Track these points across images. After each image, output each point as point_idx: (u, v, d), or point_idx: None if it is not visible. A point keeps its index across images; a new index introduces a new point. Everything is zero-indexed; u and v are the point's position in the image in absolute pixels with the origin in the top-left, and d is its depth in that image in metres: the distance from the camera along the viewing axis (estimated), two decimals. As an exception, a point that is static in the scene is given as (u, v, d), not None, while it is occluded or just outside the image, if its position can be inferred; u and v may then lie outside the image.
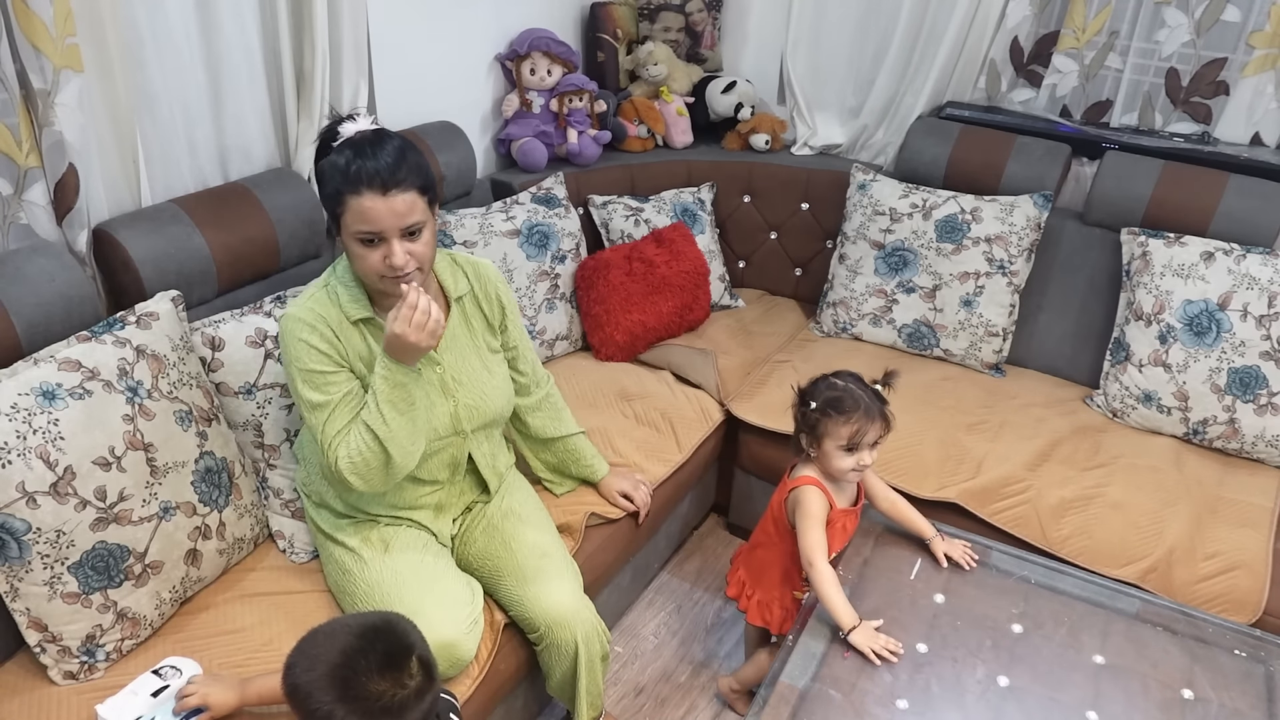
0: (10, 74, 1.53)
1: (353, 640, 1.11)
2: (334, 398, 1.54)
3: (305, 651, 1.13)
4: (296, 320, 1.53)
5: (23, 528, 1.37)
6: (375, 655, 1.10)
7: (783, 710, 1.45)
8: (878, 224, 2.52)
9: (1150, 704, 1.48)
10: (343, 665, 1.09)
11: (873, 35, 2.86)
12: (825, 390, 1.68)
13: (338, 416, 1.54)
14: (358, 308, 1.56)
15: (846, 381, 1.69)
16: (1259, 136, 2.43)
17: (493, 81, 2.73)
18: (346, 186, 1.44)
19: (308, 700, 1.09)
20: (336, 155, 1.46)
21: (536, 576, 1.68)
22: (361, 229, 1.45)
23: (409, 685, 1.11)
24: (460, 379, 1.68)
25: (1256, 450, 2.13)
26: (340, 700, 1.08)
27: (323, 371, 1.53)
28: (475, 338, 1.72)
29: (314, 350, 1.52)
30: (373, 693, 1.08)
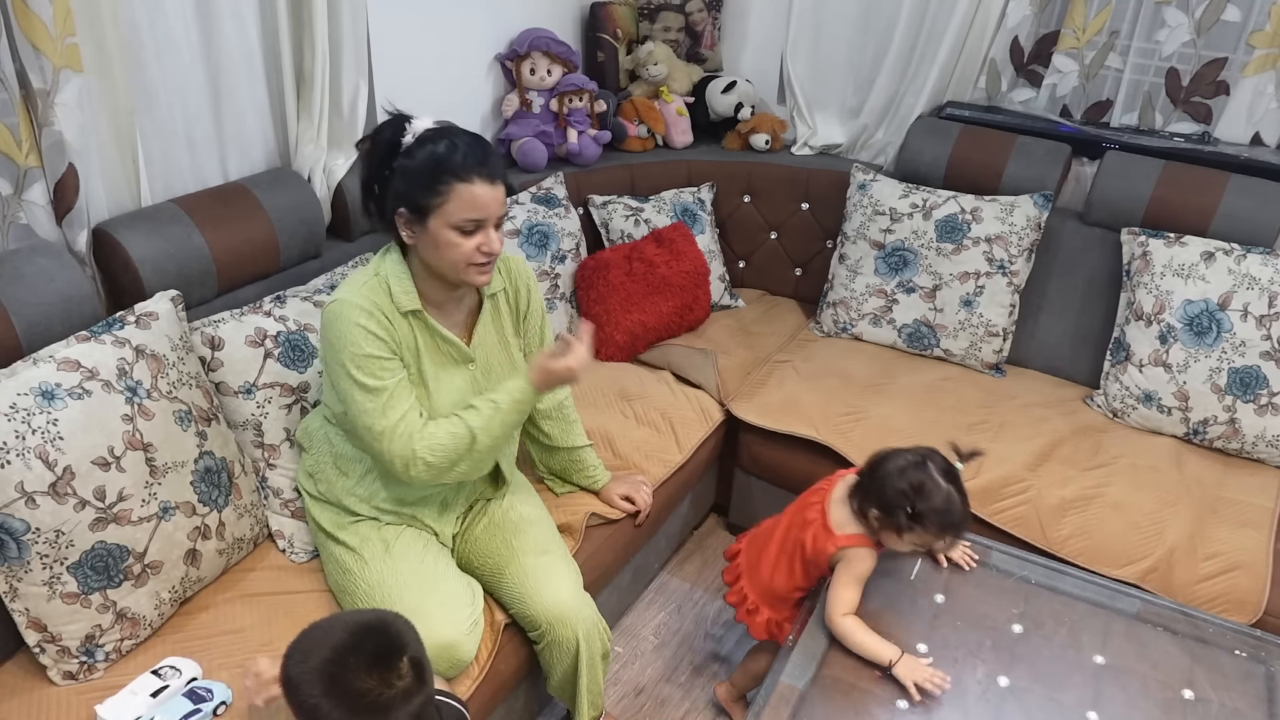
0: (10, 74, 1.53)
1: (345, 637, 1.12)
2: (389, 384, 1.54)
3: (300, 644, 1.14)
4: (352, 305, 1.53)
5: (22, 528, 1.37)
6: (365, 653, 1.11)
7: (783, 710, 1.45)
8: (878, 224, 2.52)
9: (1150, 704, 1.48)
10: (332, 661, 1.09)
11: (873, 35, 2.86)
12: (927, 495, 1.51)
13: (397, 403, 1.55)
14: (409, 299, 1.58)
15: (949, 485, 1.52)
16: (1259, 136, 2.43)
17: (493, 81, 2.73)
18: (456, 174, 1.47)
19: (298, 691, 1.10)
20: (433, 145, 1.49)
21: (538, 574, 1.68)
22: (470, 216, 1.49)
23: (396, 685, 1.11)
24: (490, 376, 1.70)
25: (1257, 450, 2.13)
26: (326, 695, 1.08)
27: (379, 357, 1.54)
28: (504, 334, 1.75)
29: (371, 336, 1.53)
30: (358, 690, 1.09)
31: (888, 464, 1.56)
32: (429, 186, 1.48)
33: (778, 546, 1.75)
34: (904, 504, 1.51)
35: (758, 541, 1.83)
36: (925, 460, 1.54)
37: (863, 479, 1.61)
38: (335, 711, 1.08)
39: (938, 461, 1.55)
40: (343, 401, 1.58)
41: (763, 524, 1.86)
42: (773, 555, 1.75)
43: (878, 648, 1.52)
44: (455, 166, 1.47)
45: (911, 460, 1.55)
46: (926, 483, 1.51)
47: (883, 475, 1.55)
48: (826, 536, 1.63)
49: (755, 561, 1.81)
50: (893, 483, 1.53)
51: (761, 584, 1.78)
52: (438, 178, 1.48)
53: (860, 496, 1.60)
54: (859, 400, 2.31)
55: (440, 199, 1.48)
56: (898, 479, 1.53)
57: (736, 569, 1.86)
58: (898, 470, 1.54)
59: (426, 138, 1.50)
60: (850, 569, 1.59)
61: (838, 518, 1.64)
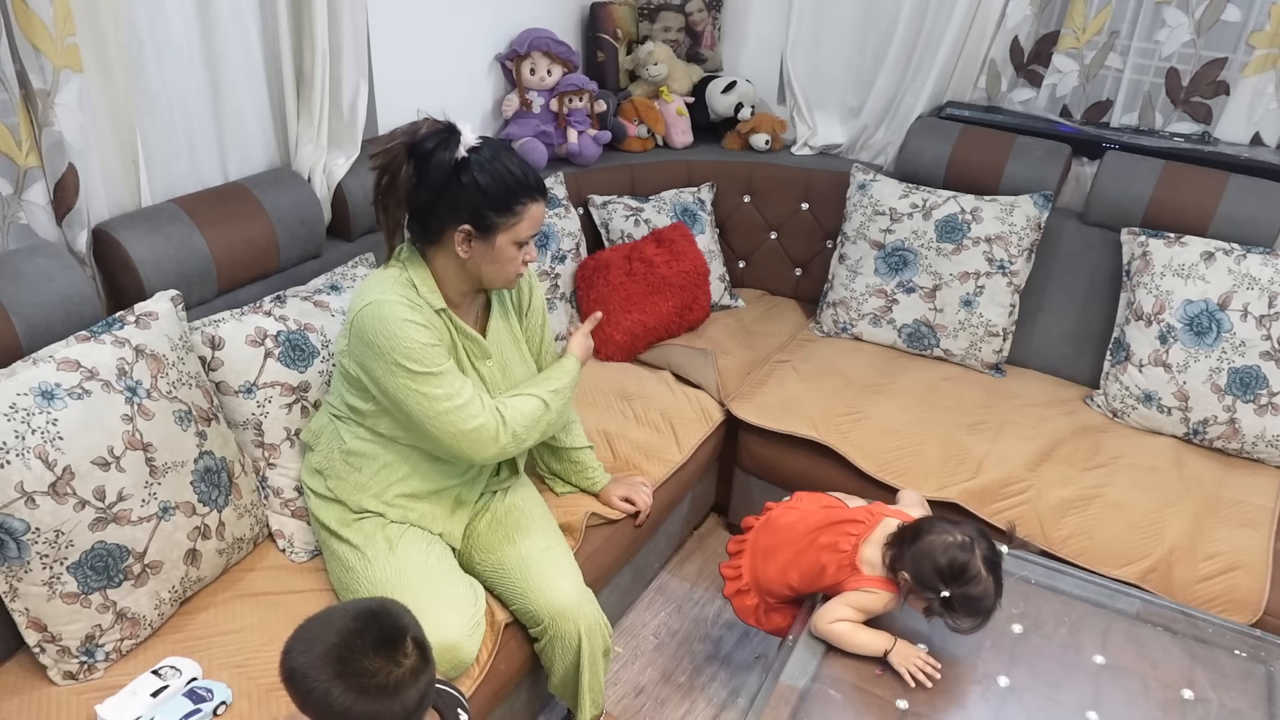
0: (10, 74, 1.53)
1: (349, 622, 1.12)
2: (448, 367, 1.59)
3: (301, 636, 1.14)
4: (392, 304, 1.55)
5: (21, 528, 1.37)
6: (371, 635, 1.11)
7: (783, 710, 1.45)
8: (878, 224, 2.52)
9: (1150, 704, 1.48)
10: (339, 645, 1.10)
11: (873, 35, 2.86)
12: (967, 581, 1.45)
13: (464, 382, 1.61)
14: (436, 299, 1.62)
15: (989, 575, 1.46)
16: (1259, 136, 2.43)
17: (493, 81, 2.73)
18: (530, 195, 1.58)
19: (305, 680, 1.09)
20: (504, 164, 1.56)
21: (540, 569, 1.69)
22: (534, 233, 1.61)
23: (404, 664, 1.12)
24: (504, 372, 1.74)
25: (1257, 450, 2.13)
26: (337, 678, 1.08)
27: (433, 345, 1.57)
28: (512, 329, 1.78)
29: (421, 328, 1.56)
30: (369, 670, 1.09)
31: (933, 536, 1.50)
32: (506, 206, 1.56)
33: (794, 553, 1.70)
34: (940, 584, 1.46)
35: (777, 533, 1.77)
36: (972, 543, 1.48)
37: (904, 539, 1.55)
38: (346, 695, 1.08)
39: (983, 547, 1.49)
40: (399, 404, 1.58)
41: (786, 514, 1.80)
42: (786, 559, 1.72)
43: (871, 640, 1.53)
44: (529, 187, 1.58)
45: (958, 540, 1.48)
46: (970, 568, 1.45)
47: (926, 546, 1.49)
48: (852, 573, 1.60)
49: (767, 551, 1.77)
50: (934, 558, 1.47)
51: (765, 576, 1.77)
52: (515, 197, 1.56)
53: (896, 554, 1.54)
54: (859, 400, 2.31)
55: (515, 218, 1.57)
56: (940, 555, 1.47)
57: (742, 544, 1.84)
58: (942, 546, 1.47)
59: (489, 156, 1.55)
60: (862, 605, 1.57)
61: (869, 557, 1.59)
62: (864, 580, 1.58)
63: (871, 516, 1.67)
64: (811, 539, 1.69)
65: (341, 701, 1.08)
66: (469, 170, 1.53)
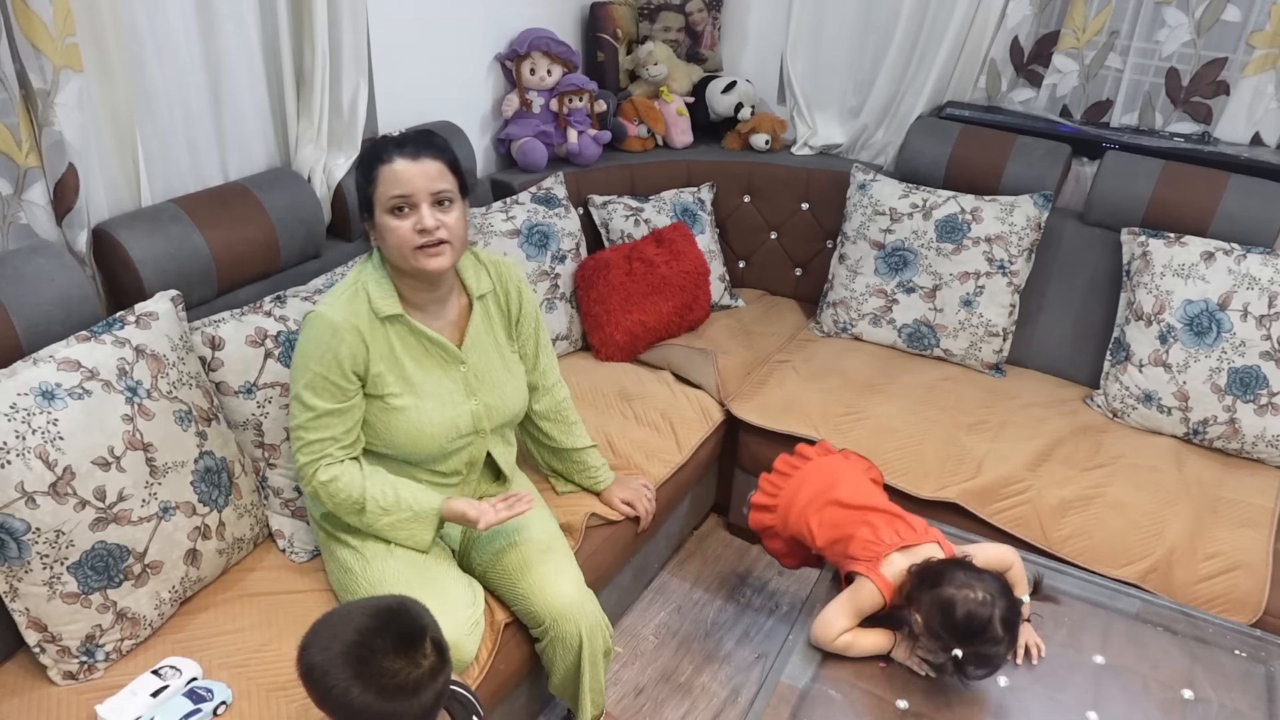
0: (10, 74, 1.53)
1: (368, 620, 1.12)
2: (332, 408, 1.56)
3: (320, 632, 1.14)
4: (329, 322, 1.54)
5: (22, 528, 1.37)
6: (391, 635, 1.12)
7: (783, 710, 1.45)
8: (878, 224, 2.52)
9: (1150, 704, 1.48)
10: (359, 644, 1.10)
11: (873, 35, 2.86)
12: (980, 640, 1.40)
13: (326, 426, 1.57)
14: (388, 304, 1.59)
15: (1005, 633, 1.40)
16: (1259, 136, 2.43)
17: (493, 81, 2.73)
18: (379, 159, 1.53)
19: (324, 678, 1.10)
20: (371, 146, 1.58)
21: (540, 570, 1.69)
22: (394, 193, 1.52)
23: (423, 665, 1.12)
24: (483, 378, 1.70)
25: (1257, 450, 2.13)
26: (357, 678, 1.08)
27: (333, 381, 1.55)
28: (496, 336, 1.75)
29: (334, 359, 1.54)
30: (389, 670, 1.10)
31: (953, 589, 1.42)
32: (365, 176, 1.56)
33: (836, 516, 1.67)
34: (952, 641, 1.41)
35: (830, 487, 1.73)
36: (993, 600, 1.41)
37: (924, 580, 1.47)
38: (366, 694, 1.09)
39: (1002, 606, 1.41)
40: (290, 395, 1.61)
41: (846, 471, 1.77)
42: (824, 516, 1.69)
43: (874, 642, 1.53)
44: (379, 151, 1.54)
45: (978, 597, 1.40)
46: (988, 629, 1.39)
47: (945, 598, 1.42)
48: (870, 569, 1.55)
49: (813, 495, 1.73)
50: (952, 611, 1.40)
51: (794, 511, 1.76)
52: (369, 165, 1.55)
53: (914, 590, 1.47)
54: (859, 400, 2.31)
55: (373, 185, 1.54)
56: (958, 608, 1.40)
57: (777, 491, 1.81)
58: (961, 600, 1.40)
59: (379, 140, 1.57)
60: (857, 598, 1.54)
61: (897, 564, 1.53)
62: (878, 578, 1.54)
63: (924, 533, 1.60)
64: (861, 515, 1.64)
65: (361, 700, 1.08)
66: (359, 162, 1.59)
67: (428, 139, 1.57)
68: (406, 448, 1.64)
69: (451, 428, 1.65)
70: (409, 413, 1.61)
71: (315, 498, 1.62)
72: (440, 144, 1.57)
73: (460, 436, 1.67)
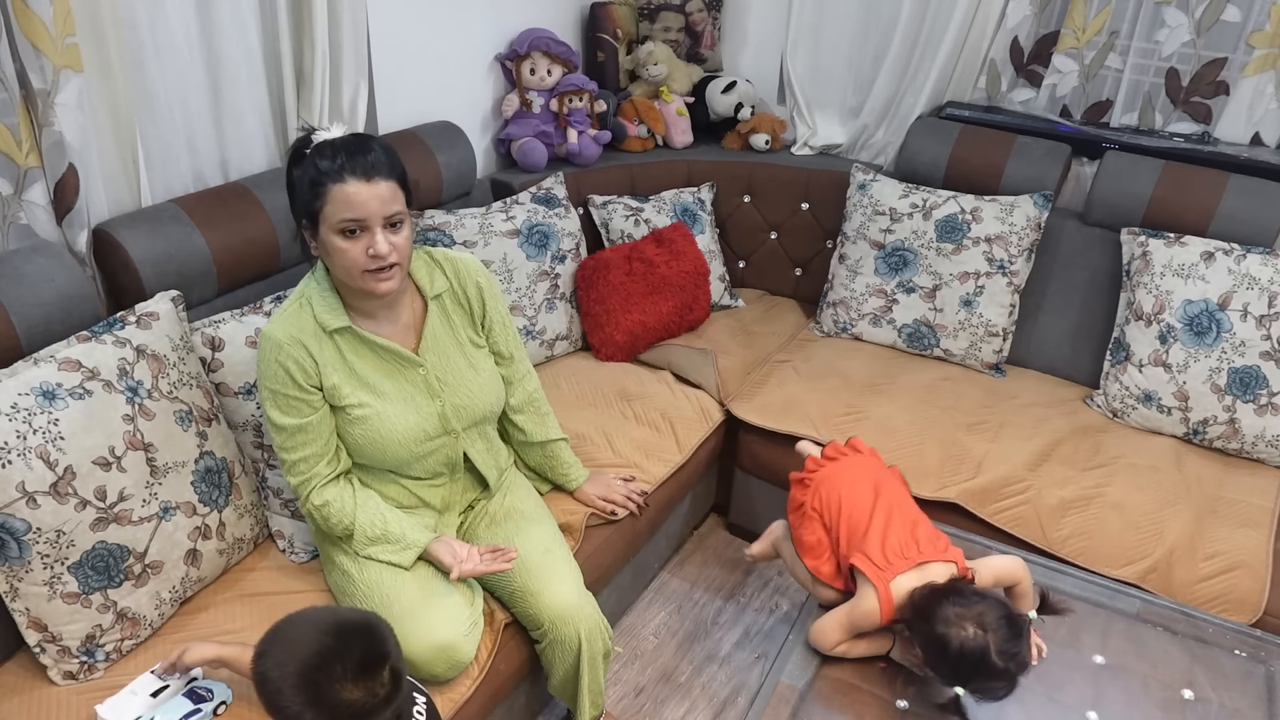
0: (10, 74, 1.53)
1: (329, 640, 1.11)
2: (300, 423, 1.56)
3: (278, 643, 1.12)
4: (272, 340, 1.54)
5: (23, 528, 1.37)
6: (350, 659, 1.10)
7: (783, 710, 1.45)
8: (878, 224, 2.52)
9: (1150, 704, 1.48)
10: (316, 668, 1.09)
11: (873, 35, 2.86)
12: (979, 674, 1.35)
13: (303, 442, 1.57)
14: (334, 317, 1.56)
15: (1005, 664, 1.33)
16: (1259, 136, 2.43)
17: (493, 81, 2.73)
18: (330, 176, 1.44)
19: (278, 696, 1.09)
20: (315, 155, 1.47)
21: (540, 572, 1.68)
22: (346, 217, 1.45)
23: (379, 694, 1.12)
24: (445, 379, 1.68)
25: (1257, 450, 2.13)
26: (310, 704, 1.08)
27: (290, 396, 1.55)
28: (457, 334, 1.71)
29: (285, 374, 1.53)
30: (343, 701, 1.09)
31: (945, 629, 1.36)
32: (311, 190, 1.46)
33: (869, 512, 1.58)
34: (953, 681, 1.38)
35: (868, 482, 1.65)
36: (986, 635, 1.34)
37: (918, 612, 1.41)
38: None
39: (998, 639, 1.34)
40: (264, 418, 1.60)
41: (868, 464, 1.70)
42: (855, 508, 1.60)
43: (871, 647, 1.52)
44: (328, 166, 1.44)
45: (970, 635, 1.34)
46: (983, 667, 1.34)
47: (938, 638, 1.36)
48: (878, 578, 1.47)
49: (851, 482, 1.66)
50: (947, 654, 1.35)
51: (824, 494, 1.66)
52: (316, 180, 1.45)
53: (911, 622, 1.43)
54: (859, 400, 2.31)
55: (320, 202, 1.46)
56: (952, 649, 1.35)
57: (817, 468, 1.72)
58: (953, 638, 1.35)
59: (321, 146, 1.47)
60: (854, 616, 1.49)
61: (902, 586, 1.46)
62: (883, 592, 1.46)
63: (943, 551, 1.53)
64: (888, 514, 1.57)
65: None
66: (299, 163, 1.50)
67: (376, 155, 1.47)
68: (376, 455, 1.63)
69: (418, 431, 1.63)
70: (372, 421, 1.60)
71: (310, 517, 1.64)
72: (390, 161, 1.49)
73: (429, 439, 1.66)
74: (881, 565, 1.49)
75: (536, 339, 2.42)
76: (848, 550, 1.57)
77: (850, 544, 1.57)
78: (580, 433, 2.14)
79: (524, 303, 2.37)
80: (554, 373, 2.40)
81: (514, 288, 2.35)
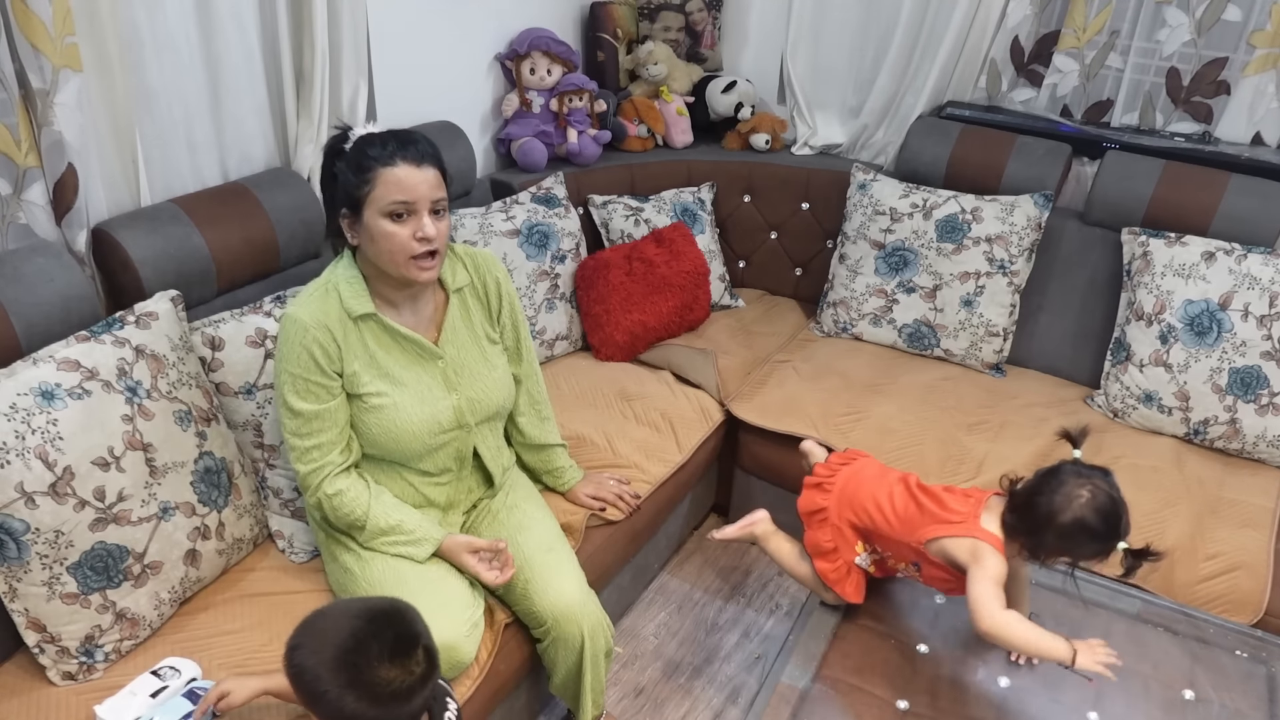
0: (9, 73, 1.53)
1: (361, 624, 1.12)
2: (318, 408, 1.56)
3: (311, 632, 1.14)
4: (297, 322, 1.54)
5: (21, 528, 1.37)
6: (385, 641, 1.12)
7: (783, 710, 1.45)
8: (878, 224, 2.51)
9: (1151, 704, 1.48)
10: (353, 650, 1.10)
11: (873, 35, 2.86)
12: (1102, 506, 1.38)
13: (318, 430, 1.57)
14: (360, 303, 1.57)
15: (1122, 505, 1.39)
16: (1260, 136, 2.43)
17: (493, 81, 2.73)
18: (379, 161, 1.49)
19: (316, 683, 1.10)
20: (363, 144, 1.52)
21: (542, 570, 1.69)
22: (397, 199, 1.49)
23: (415, 672, 1.12)
24: (462, 372, 1.69)
25: (1258, 450, 2.13)
26: (350, 686, 1.09)
27: (312, 381, 1.55)
28: (474, 329, 1.73)
29: (309, 358, 1.53)
30: (382, 680, 1.10)
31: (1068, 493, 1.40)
32: (358, 176, 1.50)
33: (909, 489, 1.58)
34: (1112, 542, 1.39)
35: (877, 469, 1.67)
36: (1104, 481, 1.40)
37: (1023, 507, 1.44)
38: (360, 703, 1.09)
39: (1105, 478, 1.41)
40: (277, 405, 1.60)
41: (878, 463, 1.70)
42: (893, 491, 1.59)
43: (1051, 647, 1.39)
44: (378, 153, 1.49)
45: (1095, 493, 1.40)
46: (1119, 506, 1.39)
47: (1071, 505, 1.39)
48: (966, 528, 1.47)
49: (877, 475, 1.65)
50: (1092, 514, 1.38)
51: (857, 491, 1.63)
52: (364, 166, 1.50)
53: (1034, 523, 1.42)
54: (859, 400, 2.31)
55: (368, 187, 1.49)
56: (1095, 508, 1.38)
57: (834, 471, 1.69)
58: (1091, 501, 1.39)
59: (367, 137, 1.53)
60: (985, 570, 1.43)
61: (986, 521, 1.47)
62: (980, 531, 1.45)
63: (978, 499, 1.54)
64: (946, 489, 1.56)
65: (354, 708, 1.09)
66: (341, 156, 1.54)
67: (425, 145, 1.53)
68: (389, 446, 1.64)
69: (433, 423, 1.64)
70: (388, 410, 1.61)
71: (318, 507, 1.62)
72: (436, 151, 1.55)
73: (443, 431, 1.66)
74: (960, 519, 1.48)
75: (536, 339, 2.42)
76: (908, 538, 1.53)
77: (908, 532, 1.53)
78: (580, 433, 2.14)
79: (524, 303, 2.37)
80: (554, 373, 2.40)
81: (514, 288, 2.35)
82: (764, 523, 1.82)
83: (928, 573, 1.56)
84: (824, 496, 1.66)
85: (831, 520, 1.63)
